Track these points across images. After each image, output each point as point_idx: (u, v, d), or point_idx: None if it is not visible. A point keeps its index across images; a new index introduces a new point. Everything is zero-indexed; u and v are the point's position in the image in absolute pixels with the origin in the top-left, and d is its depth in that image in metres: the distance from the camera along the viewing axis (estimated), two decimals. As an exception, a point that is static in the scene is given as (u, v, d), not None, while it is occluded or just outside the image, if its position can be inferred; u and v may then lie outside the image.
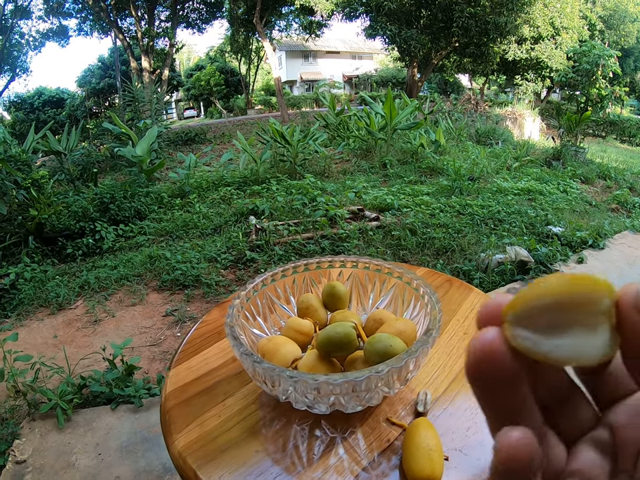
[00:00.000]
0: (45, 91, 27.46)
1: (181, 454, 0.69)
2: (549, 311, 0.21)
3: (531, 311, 0.21)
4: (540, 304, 0.21)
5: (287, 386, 0.64)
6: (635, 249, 4.20)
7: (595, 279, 0.20)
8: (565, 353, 0.20)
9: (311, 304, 0.90)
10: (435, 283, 1.19)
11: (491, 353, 0.20)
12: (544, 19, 16.94)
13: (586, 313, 0.20)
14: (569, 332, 0.20)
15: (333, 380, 0.60)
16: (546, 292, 0.21)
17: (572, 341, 0.20)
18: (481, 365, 0.21)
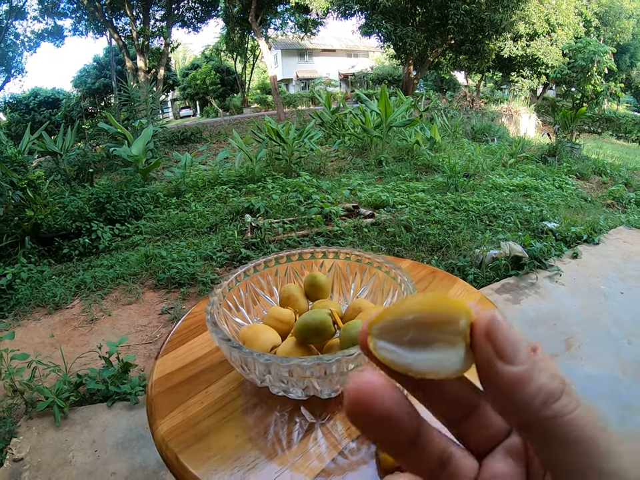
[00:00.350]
0: (40, 91, 27.40)
1: (163, 439, 0.71)
2: (412, 327, 0.22)
3: (394, 325, 0.22)
4: (404, 320, 0.22)
5: (262, 370, 0.66)
6: (630, 244, 4.22)
7: (454, 301, 0.22)
8: (424, 367, 0.21)
9: (292, 294, 0.91)
10: (420, 274, 1.21)
11: (369, 400, 0.21)
12: (539, 16, 16.98)
13: (445, 331, 0.21)
14: (429, 347, 0.22)
15: (304, 362, 0.62)
16: (410, 309, 0.22)
17: (432, 356, 0.21)
18: (359, 410, 0.21)
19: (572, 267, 3.67)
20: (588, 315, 2.97)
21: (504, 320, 0.21)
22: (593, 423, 0.20)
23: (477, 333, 0.21)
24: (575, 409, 0.20)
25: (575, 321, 2.88)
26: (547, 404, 0.20)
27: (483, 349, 0.21)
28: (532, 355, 0.21)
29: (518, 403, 0.20)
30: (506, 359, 0.20)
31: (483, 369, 0.21)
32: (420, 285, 1.16)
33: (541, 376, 0.20)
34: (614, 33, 23.01)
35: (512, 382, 0.20)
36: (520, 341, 0.21)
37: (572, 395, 0.21)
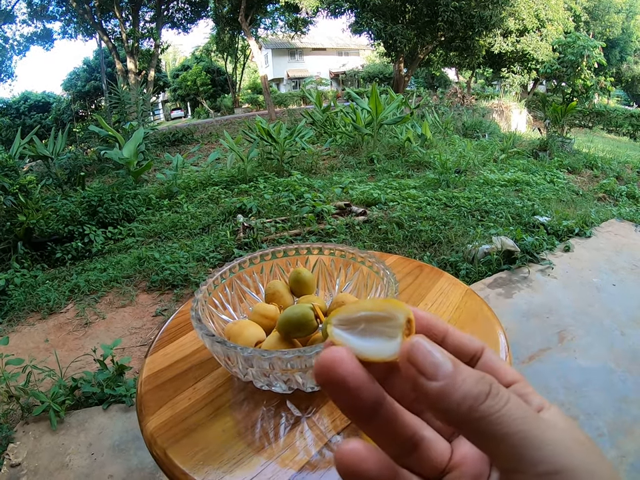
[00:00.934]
0: (30, 95, 27.21)
1: (152, 435, 0.72)
2: (362, 321, 0.27)
3: (349, 319, 0.28)
4: (357, 315, 0.27)
5: (245, 363, 0.67)
6: (622, 237, 4.25)
7: (395, 302, 0.27)
8: (368, 351, 0.26)
9: (277, 290, 0.92)
10: (406, 269, 1.22)
11: (333, 363, 0.24)
12: (529, 12, 17.04)
13: (387, 325, 0.26)
14: (374, 337, 0.26)
15: (285, 355, 0.63)
16: (362, 308, 0.28)
17: (374, 344, 0.26)
18: (325, 371, 0.24)
19: (564, 260, 3.70)
20: (581, 307, 2.99)
21: (422, 344, 0.24)
22: (522, 418, 0.22)
23: (400, 358, 0.24)
24: (502, 407, 0.22)
25: (567, 313, 2.90)
26: (473, 407, 0.22)
27: (407, 371, 0.24)
28: (457, 368, 0.24)
29: (447, 411, 0.22)
30: (428, 376, 0.23)
31: (411, 386, 0.24)
32: (407, 279, 1.17)
33: (464, 384, 0.23)
34: (603, 27, 23.13)
35: (437, 394, 0.23)
36: (440, 359, 0.24)
37: (499, 395, 0.23)
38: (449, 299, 1.08)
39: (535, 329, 2.72)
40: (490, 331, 0.95)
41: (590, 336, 2.65)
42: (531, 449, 0.21)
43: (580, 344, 2.57)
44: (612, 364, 2.39)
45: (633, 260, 3.72)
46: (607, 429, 1.93)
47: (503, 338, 0.92)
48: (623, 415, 2.02)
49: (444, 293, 1.10)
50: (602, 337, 2.64)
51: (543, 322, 2.80)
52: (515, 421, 0.22)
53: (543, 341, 2.60)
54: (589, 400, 2.11)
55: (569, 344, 2.57)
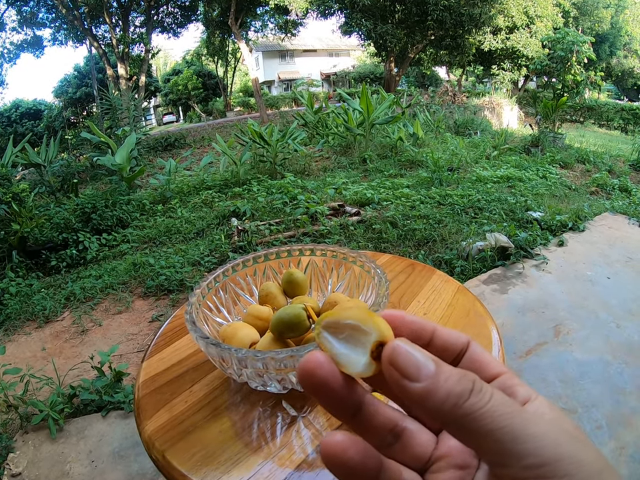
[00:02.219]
0: (21, 103, 27.09)
1: (150, 438, 0.73)
2: (347, 329, 0.27)
3: (337, 324, 0.28)
4: (343, 322, 0.28)
5: (239, 364, 0.68)
6: (615, 230, 4.28)
7: (375, 320, 0.27)
8: (344, 361, 0.26)
9: (270, 291, 0.93)
10: (398, 267, 1.23)
11: (314, 368, 0.25)
12: (518, 9, 17.12)
13: (363, 339, 0.26)
14: (354, 348, 0.27)
15: (278, 355, 0.64)
16: (349, 316, 0.28)
17: (351, 354, 0.27)
18: (306, 376, 0.25)
19: (558, 254, 3.72)
20: (576, 301, 3.01)
21: (404, 346, 0.25)
22: (507, 413, 0.22)
23: (383, 360, 0.25)
24: (486, 404, 0.23)
25: (563, 307, 2.92)
26: (457, 405, 0.23)
27: (390, 373, 0.24)
28: (439, 367, 0.24)
29: (432, 410, 0.23)
30: (411, 377, 0.24)
31: (395, 388, 0.24)
32: (399, 277, 1.18)
33: (447, 383, 0.23)
34: (592, 22, 23.24)
35: (421, 395, 0.23)
36: (421, 360, 0.24)
37: (482, 392, 0.23)
38: (441, 296, 1.10)
39: (530, 324, 2.74)
40: (482, 327, 0.96)
41: (586, 329, 2.67)
42: (516, 443, 0.22)
43: (576, 337, 2.58)
44: (608, 356, 2.40)
45: (627, 253, 3.75)
46: (605, 421, 1.95)
47: (495, 333, 0.94)
48: (620, 407, 2.04)
49: (436, 290, 1.12)
50: (598, 330, 2.66)
51: (538, 316, 2.82)
52: (500, 417, 0.22)
53: (539, 335, 2.61)
54: (587, 393, 2.13)
55: (565, 338, 2.59)
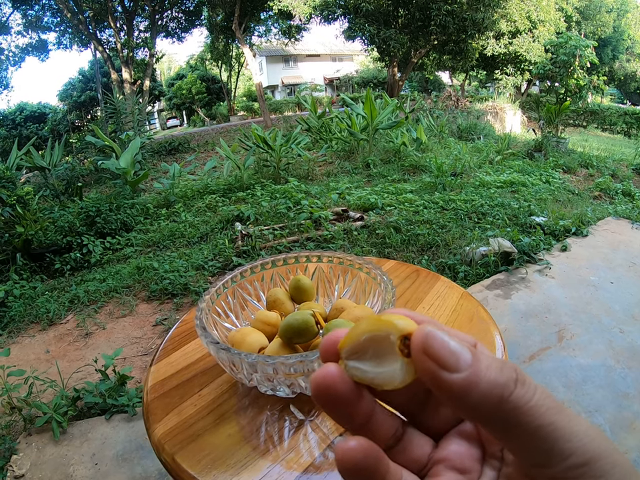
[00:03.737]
0: (26, 106, 27.22)
1: (160, 441, 0.74)
2: (369, 346, 0.25)
3: (356, 347, 0.25)
4: (361, 341, 0.25)
5: (250, 369, 0.69)
6: (619, 234, 4.28)
7: (382, 320, 0.24)
8: (382, 379, 0.24)
9: (278, 297, 0.94)
10: (403, 274, 1.24)
11: (328, 384, 0.24)
12: (520, 13, 17.13)
13: (385, 346, 0.24)
14: (384, 362, 0.24)
15: (288, 360, 0.65)
16: (362, 331, 0.25)
17: (385, 369, 0.24)
18: (321, 393, 0.24)
19: (561, 259, 3.72)
20: (579, 305, 3.01)
21: (437, 332, 0.22)
22: (552, 408, 0.21)
23: (414, 351, 0.22)
24: (533, 396, 0.21)
25: (566, 312, 2.92)
26: (504, 397, 0.21)
27: (424, 364, 0.22)
28: (475, 354, 0.22)
29: (473, 404, 0.21)
30: (449, 368, 0.21)
31: (430, 382, 0.22)
32: (404, 283, 1.19)
33: (489, 373, 0.21)
34: (595, 26, 23.27)
35: (462, 387, 0.21)
36: (460, 346, 0.22)
37: (527, 383, 0.22)
38: (445, 301, 1.10)
39: (534, 329, 2.74)
40: (486, 332, 0.97)
41: (589, 334, 2.67)
42: (562, 441, 0.21)
43: (579, 342, 2.59)
44: (611, 361, 2.41)
45: (630, 257, 3.75)
46: (608, 425, 1.95)
47: (499, 339, 0.94)
48: (623, 411, 2.04)
49: (441, 296, 1.12)
50: (601, 335, 2.66)
51: (541, 321, 2.82)
52: (547, 412, 0.21)
53: (542, 340, 2.62)
54: (590, 397, 2.13)
55: (568, 342, 2.59)
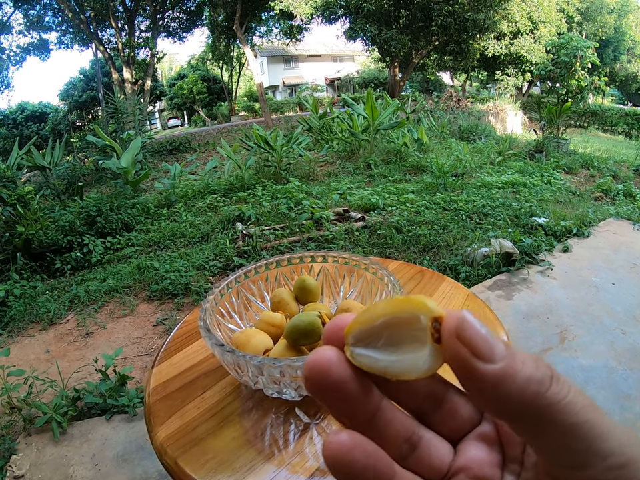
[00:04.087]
0: (27, 105, 27.28)
1: (162, 445, 0.73)
2: (383, 331, 0.22)
3: (367, 332, 0.23)
4: (374, 326, 0.22)
5: (255, 372, 0.68)
6: (620, 235, 4.27)
7: (411, 299, 0.22)
8: (399, 368, 0.22)
9: (283, 298, 0.93)
10: (408, 274, 1.23)
11: (322, 369, 0.22)
12: (522, 14, 17.15)
13: (411, 330, 0.22)
14: (401, 348, 0.22)
15: (294, 362, 0.64)
16: (377, 314, 0.22)
17: (404, 357, 0.22)
18: (314, 379, 0.22)
19: (563, 260, 3.71)
20: (580, 306, 3.00)
21: (473, 318, 0.21)
22: (587, 406, 0.20)
23: (446, 335, 0.21)
24: (568, 393, 0.20)
25: (567, 313, 2.91)
26: (540, 394, 0.20)
27: (456, 350, 0.20)
28: (509, 347, 0.21)
29: (507, 398, 0.20)
30: (484, 357, 0.20)
31: (460, 370, 0.21)
32: (409, 284, 1.18)
33: (525, 367, 0.20)
34: (596, 27, 23.28)
35: (496, 379, 0.20)
36: (494, 336, 0.21)
37: (561, 380, 0.21)
38: (451, 302, 1.09)
39: (535, 330, 2.73)
40: (493, 334, 0.96)
41: (590, 335, 2.66)
42: (600, 441, 0.20)
43: (581, 343, 2.58)
44: (613, 362, 2.40)
45: (632, 258, 3.74)
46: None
47: (504, 339, 0.93)
48: (625, 413, 2.03)
49: (446, 297, 1.12)
50: (602, 336, 2.65)
51: (543, 322, 2.81)
52: (582, 409, 0.20)
53: (544, 341, 2.61)
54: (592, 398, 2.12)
55: (570, 344, 2.58)
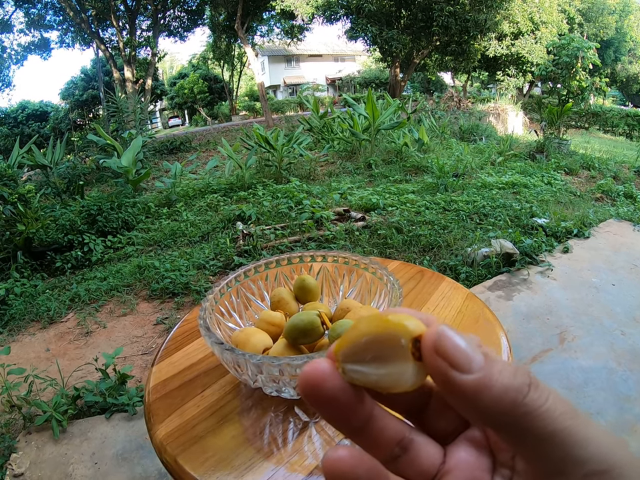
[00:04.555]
0: (28, 104, 27.29)
1: (162, 443, 0.73)
2: (369, 347, 0.23)
3: (354, 349, 0.23)
4: (360, 343, 0.23)
5: (255, 370, 0.68)
6: (620, 236, 4.27)
7: (391, 322, 0.23)
8: (388, 382, 0.23)
9: (283, 297, 0.93)
10: (408, 274, 1.23)
11: (316, 381, 0.22)
12: (523, 15, 17.15)
13: (393, 349, 0.22)
14: (389, 363, 0.23)
15: (294, 361, 0.64)
16: (362, 333, 0.23)
17: (392, 370, 0.22)
18: (309, 391, 0.22)
19: (563, 261, 3.71)
20: (580, 307, 3.00)
21: (451, 332, 0.21)
22: (566, 413, 0.20)
23: (425, 349, 0.21)
24: (546, 401, 0.20)
25: (567, 314, 2.91)
26: (517, 402, 0.20)
27: (435, 364, 0.21)
28: (487, 357, 0.21)
29: (485, 408, 0.20)
30: (461, 368, 0.20)
31: (441, 383, 0.21)
32: (409, 284, 1.18)
33: (502, 376, 0.20)
34: (597, 28, 23.28)
35: (474, 389, 0.20)
36: (473, 348, 0.21)
37: (540, 387, 0.21)
38: (450, 302, 1.09)
39: (535, 331, 2.73)
40: (491, 334, 0.96)
41: (590, 336, 2.66)
42: (577, 448, 0.20)
43: (581, 344, 2.58)
44: (613, 363, 2.40)
45: (632, 259, 3.74)
46: (609, 428, 1.94)
47: (504, 340, 0.94)
48: (625, 414, 2.03)
49: (446, 297, 1.12)
50: (602, 337, 2.65)
51: (543, 323, 2.81)
52: (560, 416, 0.20)
53: (544, 342, 2.60)
54: (591, 400, 2.12)
55: (569, 344, 2.58)
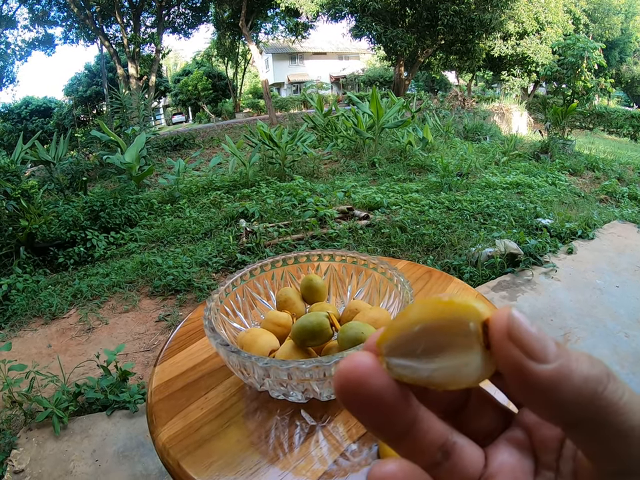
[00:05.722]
0: (32, 100, 27.33)
1: (165, 446, 0.71)
2: (421, 338, 0.20)
3: (403, 339, 0.21)
4: (411, 332, 0.21)
5: (262, 373, 0.67)
6: (625, 238, 4.25)
7: (459, 304, 0.20)
8: (444, 377, 0.20)
9: (289, 297, 0.92)
10: (416, 274, 1.21)
11: (359, 379, 0.20)
12: (528, 14, 17.08)
13: (455, 336, 0.20)
14: (444, 356, 0.20)
15: (303, 365, 0.62)
16: (414, 320, 0.21)
17: (448, 364, 0.20)
18: (349, 390, 0.20)
19: (567, 262, 3.69)
20: (584, 309, 2.98)
21: (522, 316, 0.19)
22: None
23: (496, 336, 0.19)
24: (624, 392, 0.19)
25: (571, 315, 2.90)
26: (597, 394, 0.18)
27: (508, 352, 0.19)
28: (560, 345, 0.19)
29: (563, 401, 0.18)
30: (537, 357, 0.19)
31: (512, 373, 0.19)
32: (416, 284, 1.16)
33: (580, 365, 0.19)
34: (603, 29, 23.20)
35: (551, 380, 0.18)
36: (545, 334, 0.19)
37: (617, 379, 0.19)
38: (459, 304, 1.07)
39: (539, 332, 2.71)
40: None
41: (594, 338, 2.65)
42: None
43: (584, 346, 2.56)
44: (616, 366, 2.38)
45: (636, 261, 3.72)
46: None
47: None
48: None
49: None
50: (606, 339, 2.64)
51: (546, 324, 2.80)
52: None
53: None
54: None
55: (573, 346, 2.56)
